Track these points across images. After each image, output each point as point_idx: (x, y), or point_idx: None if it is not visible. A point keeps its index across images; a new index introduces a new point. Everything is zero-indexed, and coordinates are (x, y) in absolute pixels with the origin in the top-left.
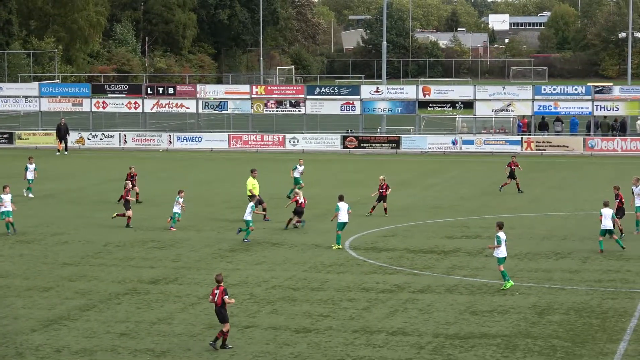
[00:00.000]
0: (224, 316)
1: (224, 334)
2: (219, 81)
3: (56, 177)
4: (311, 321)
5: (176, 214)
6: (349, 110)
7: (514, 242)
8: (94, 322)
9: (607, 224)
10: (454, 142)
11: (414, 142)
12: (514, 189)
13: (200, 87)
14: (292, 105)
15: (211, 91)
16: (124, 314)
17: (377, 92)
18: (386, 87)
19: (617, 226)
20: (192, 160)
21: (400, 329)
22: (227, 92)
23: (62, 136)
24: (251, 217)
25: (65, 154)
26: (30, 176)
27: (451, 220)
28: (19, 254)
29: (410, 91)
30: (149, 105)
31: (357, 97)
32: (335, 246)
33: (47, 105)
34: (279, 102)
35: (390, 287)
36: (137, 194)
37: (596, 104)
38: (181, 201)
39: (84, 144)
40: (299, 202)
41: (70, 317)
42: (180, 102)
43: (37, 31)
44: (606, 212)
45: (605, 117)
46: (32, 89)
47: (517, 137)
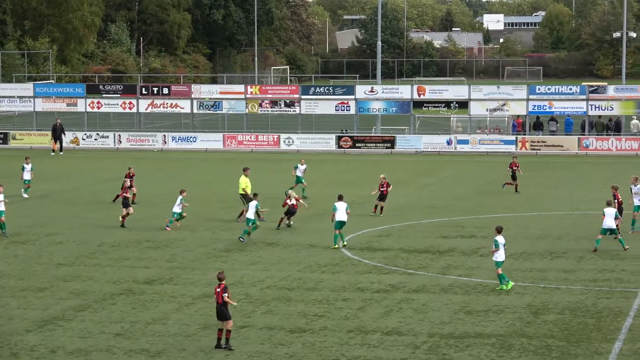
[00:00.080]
0: (224, 314)
1: (228, 332)
2: (214, 81)
3: (51, 177)
4: (306, 321)
5: (175, 213)
6: (343, 110)
7: (509, 242)
8: (89, 322)
9: (610, 223)
10: (449, 142)
11: (408, 142)
12: (511, 188)
13: (195, 87)
14: (287, 105)
15: (206, 91)
16: (118, 314)
17: (371, 92)
18: (381, 87)
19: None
20: (187, 160)
21: (395, 329)
22: (221, 92)
23: (57, 136)
24: (254, 216)
25: (60, 154)
26: (27, 176)
27: (446, 220)
28: (14, 254)
29: (405, 91)
30: (143, 105)
31: (352, 97)
32: (334, 246)
33: (41, 105)
34: (274, 102)
35: (385, 287)
36: (134, 194)
37: (591, 103)
38: (182, 200)
39: (78, 144)
40: (289, 204)
41: (65, 317)
42: (174, 102)
43: (31, 31)
44: (609, 212)
45: (599, 116)
46: (27, 89)
47: (512, 137)
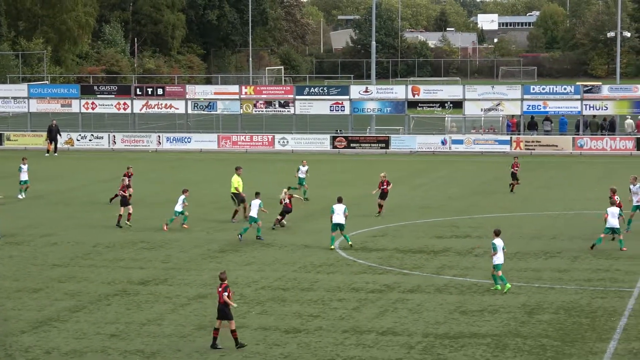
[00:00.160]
0: (226, 313)
1: (233, 332)
2: (208, 82)
3: (45, 178)
4: (301, 321)
5: (177, 212)
6: (338, 110)
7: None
8: (84, 323)
9: (614, 223)
10: (444, 142)
11: (403, 142)
12: (508, 187)
13: (189, 87)
14: (282, 105)
15: (200, 92)
16: (113, 315)
17: (366, 92)
18: (375, 87)
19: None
20: (182, 161)
21: (390, 329)
22: (216, 93)
23: (53, 137)
24: (257, 215)
25: (54, 155)
26: (24, 177)
27: (440, 220)
28: (8, 255)
29: (399, 91)
30: (138, 106)
31: (347, 97)
32: (331, 246)
33: (36, 106)
34: (268, 103)
35: (380, 287)
36: (130, 195)
37: (585, 103)
38: (184, 200)
39: (73, 145)
40: (284, 202)
41: (59, 318)
42: (169, 102)
43: (25, 32)
44: (613, 211)
45: (594, 116)
46: (21, 90)
47: (507, 137)
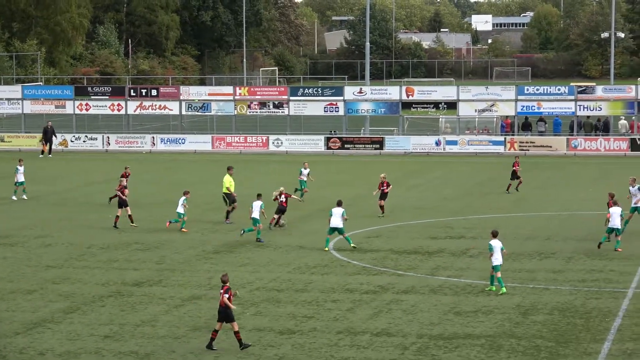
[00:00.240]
0: (227, 316)
1: (237, 333)
2: (202, 83)
3: (40, 179)
4: (295, 322)
5: (180, 214)
6: (332, 111)
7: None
8: (78, 324)
9: (617, 223)
10: (438, 143)
11: (397, 143)
12: (502, 188)
13: (183, 88)
14: (276, 106)
15: (194, 92)
16: (107, 317)
17: (360, 93)
18: (369, 88)
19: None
20: (176, 162)
21: (384, 330)
22: (210, 94)
23: (48, 138)
24: (259, 216)
25: (49, 156)
26: (20, 178)
27: (435, 221)
28: (2, 256)
29: (393, 92)
30: (132, 107)
31: (341, 98)
32: (325, 248)
33: (30, 107)
34: (263, 104)
35: (374, 288)
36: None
37: (579, 104)
38: (185, 201)
39: (67, 146)
40: (279, 201)
41: (53, 319)
42: (163, 103)
43: (19, 33)
44: (615, 211)
45: (588, 117)
46: (15, 91)
47: (501, 138)
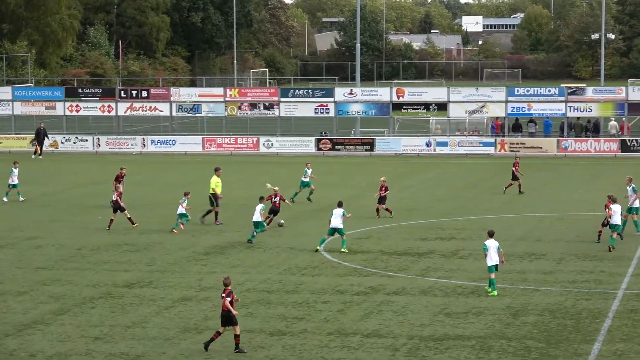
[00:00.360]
0: (229, 319)
1: (236, 337)
2: (193, 84)
3: (30, 180)
4: (286, 324)
5: (181, 215)
6: (323, 112)
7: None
8: (68, 326)
9: (617, 220)
10: (428, 144)
11: (388, 144)
12: (493, 189)
13: (174, 90)
14: (266, 107)
15: (185, 94)
16: (98, 318)
17: (351, 94)
18: (360, 89)
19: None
20: (166, 163)
21: (375, 331)
22: (200, 95)
23: (40, 140)
24: (262, 218)
25: (39, 158)
26: (15, 180)
27: (425, 222)
28: None
29: (384, 93)
30: (122, 108)
31: (331, 99)
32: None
33: (20, 109)
34: (253, 105)
35: (364, 289)
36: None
37: (569, 105)
38: (185, 204)
39: (57, 148)
40: (273, 201)
41: (44, 321)
42: (153, 105)
43: (9, 34)
44: (616, 208)
45: (578, 118)
46: (5, 92)
47: (491, 139)
